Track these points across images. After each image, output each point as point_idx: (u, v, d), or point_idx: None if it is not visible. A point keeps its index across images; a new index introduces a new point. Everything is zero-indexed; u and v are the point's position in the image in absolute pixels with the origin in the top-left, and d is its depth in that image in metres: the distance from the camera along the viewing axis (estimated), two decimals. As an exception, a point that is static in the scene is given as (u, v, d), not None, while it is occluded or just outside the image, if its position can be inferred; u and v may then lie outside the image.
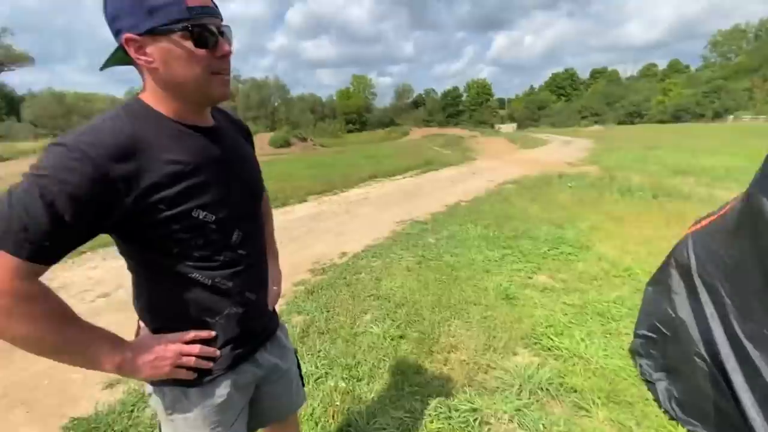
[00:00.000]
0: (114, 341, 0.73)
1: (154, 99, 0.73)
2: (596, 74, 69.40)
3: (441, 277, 3.42)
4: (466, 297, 3.02)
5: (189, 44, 0.66)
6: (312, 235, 5.11)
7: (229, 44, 0.73)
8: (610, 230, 4.59)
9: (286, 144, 26.17)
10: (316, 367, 2.22)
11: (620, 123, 47.33)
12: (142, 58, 0.67)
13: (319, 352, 2.37)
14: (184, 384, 0.81)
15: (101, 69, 0.74)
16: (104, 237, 0.72)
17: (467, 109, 64.01)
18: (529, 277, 3.38)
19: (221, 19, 0.71)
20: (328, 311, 2.89)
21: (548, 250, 3.97)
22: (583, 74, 71.31)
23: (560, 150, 17.37)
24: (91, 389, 2.21)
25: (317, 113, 52.81)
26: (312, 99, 58.15)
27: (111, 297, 3.42)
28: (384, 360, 2.28)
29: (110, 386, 2.21)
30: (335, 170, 12.31)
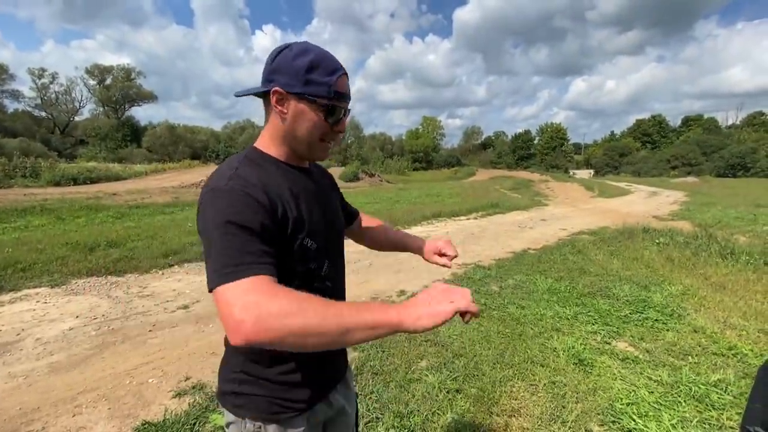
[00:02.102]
0: (380, 305, 0.66)
1: (267, 144, 0.85)
2: (690, 121, 63.20)
3: (504, 331, 3.21)
4: (532, 356, 2.78)
5: (321, 115, 0.80)
6: (372, 269, 5.17)
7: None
8: (707, 298, 3.99)
9: (355, 178, 27.41)
10: (368, 410, 2.17)
11: (720, 175, 41.97)
12: (279, 107, 0.80)
13: (371, 393, 2.32)
14: (262, 419, 0.84)
15: (237, 95, 0.87)
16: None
17: (539, 152, 61.80)
18: (607, 342, 3.03)
19: (348, 103, 0.86)
20: (383, 351, 2.84)
21: (630, 314, 3.55)
22: (673, 121, 65.63)
23: (645, 201, 15.86)
24: (162, 395, 2.38)
25: (386, 151, 54.89)
26: (382, 138, 60.80)
27: (189, 309, 3.74)
28: (438, 413, 2.15)
29: (179, 396, 2.37)
30: (399, 206, 12.52)
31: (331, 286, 0.90)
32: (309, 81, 0.78)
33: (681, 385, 2.43)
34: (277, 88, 0.78)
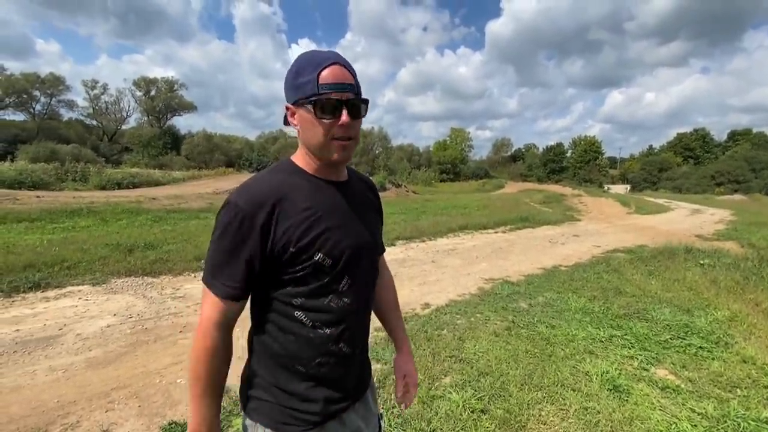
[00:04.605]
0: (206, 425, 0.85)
1: (299, 157, 0.89)
2: (736, 136, 59.58)
3: (533, 350, 3.08)
4: (562, 379, 2.65)
5: (314, 113, 0.79)
6: (396, 280, 5.09)
7: (355, 116, 0.81)
8: (758, 326, 3.68)
9: (382, 188, 27.57)
10: (389, 425, 2.13)
11: (771, 193, 39.12)
12: (292, 122, 0.85)
13: (393, 408, 2.28)
14: (272, 426, 0.85)
15: (285, 125, 0.90)
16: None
17: (572, 166, 59.97)
18: (645, 369, 2.85)
19: (354, 93, 0.81)
20: (406, 365, 2.79)
21: (670, 339, 3.33)
22: (718, 136, 62.07)
23: (687, 219, 14.98)
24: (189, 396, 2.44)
25: (413, 162, 54.93)
26: (410, 149, 60.93)
27: (217, 313, 3.84)
28: (462, 433, 2.08)
29: (204, 398, 2.42)
30: (425, 217, 12.44)
31: (350, 302, 0.88)
32: (298, 86, 0.80)
33: (728, 419, 2.24)
34: (286, 105, 0.84)
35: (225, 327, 0.82)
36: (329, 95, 0.77)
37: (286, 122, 0.87)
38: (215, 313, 0.80)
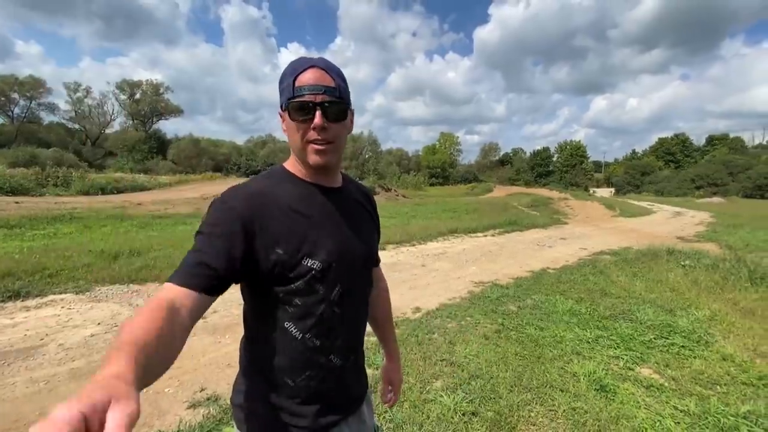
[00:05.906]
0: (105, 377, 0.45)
1: (290, 163, 0.88)
2: (715, 141, 61.53)
3: (522, 352, 3.12)
4: (551, 380, 2.69)
5: (291, 116, 0.79)
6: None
7: (332, 119, 0.79)
8: (736, 324, 3.80)
9: (372, 193, 27.50)
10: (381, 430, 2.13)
11: (747, 196, 40.33)
12: (283, 128, 0.85)
13: (385, 412, 2.29)
14: None
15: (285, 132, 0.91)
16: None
17: (558, 170, 61.06)
18: (630, 368, 2.91)
19: (333, 96, 0.78)
20: (397, 369, 2.80)
21: (654, 339, 3.41)
22: (697, 140, 64.07)
23: (669, 221, 15.38)
24: (177, 406, 2.40)
25: (403, 166, 55.22)
26: (399, 153, 61.29)
27: (206, 320, 3.79)
28: (453, 436, 2.10)
29: (193, 407, 2.39)
30: (414, 221, 12.49)
31: (341, 313, 0.84)
32: (281, 91, 0.81)
33: (709, 415, 2.31)
34: (279, 112, 0.84)
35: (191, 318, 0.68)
36: (303, 97, 0.76)
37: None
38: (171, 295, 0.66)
